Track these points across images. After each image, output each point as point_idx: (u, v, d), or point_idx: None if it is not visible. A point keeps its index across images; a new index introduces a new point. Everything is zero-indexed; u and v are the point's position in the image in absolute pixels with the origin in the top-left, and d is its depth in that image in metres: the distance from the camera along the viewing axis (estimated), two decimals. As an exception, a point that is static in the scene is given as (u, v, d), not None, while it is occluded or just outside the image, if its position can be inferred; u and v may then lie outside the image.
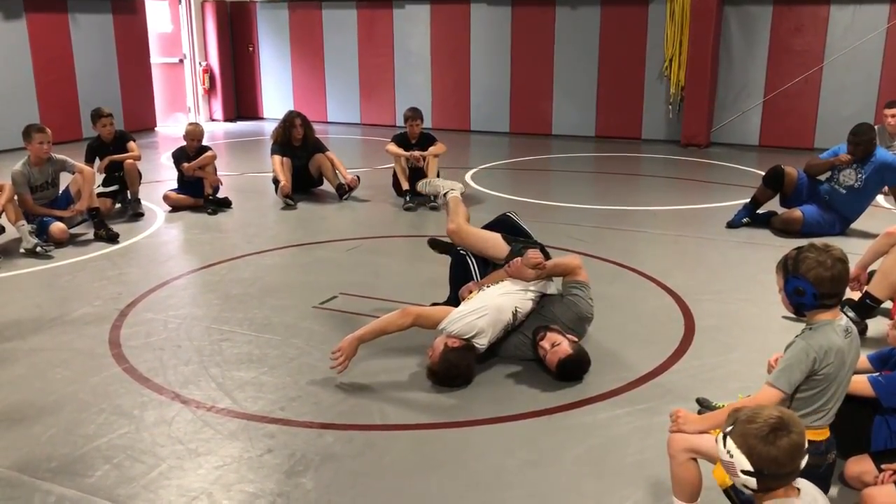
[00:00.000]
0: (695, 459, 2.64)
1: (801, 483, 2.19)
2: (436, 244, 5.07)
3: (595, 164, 10.55)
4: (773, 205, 6.83)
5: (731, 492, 2.53)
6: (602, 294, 5.21)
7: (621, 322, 4.75)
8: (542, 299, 4.24)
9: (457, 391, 3.84)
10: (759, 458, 2.07)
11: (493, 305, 4.01)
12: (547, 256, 4.37)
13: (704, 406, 3.52)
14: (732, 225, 6.80)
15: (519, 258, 4.22)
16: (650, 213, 7.51)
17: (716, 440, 2.20)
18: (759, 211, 6.84)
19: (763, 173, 7.04)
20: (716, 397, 3.56)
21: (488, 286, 4.22)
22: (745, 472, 2.10)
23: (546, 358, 3.90)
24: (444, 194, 5.11)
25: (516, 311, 4.08)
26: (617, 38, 11.73)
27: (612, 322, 4.74)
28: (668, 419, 2.74)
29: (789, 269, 2.70)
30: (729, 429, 2.15)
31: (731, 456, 2.12)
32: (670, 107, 11.57)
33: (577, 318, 4.17)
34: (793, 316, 2.94)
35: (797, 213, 6.52)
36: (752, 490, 2.14)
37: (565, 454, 3.29)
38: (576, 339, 4.02)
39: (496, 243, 4.57)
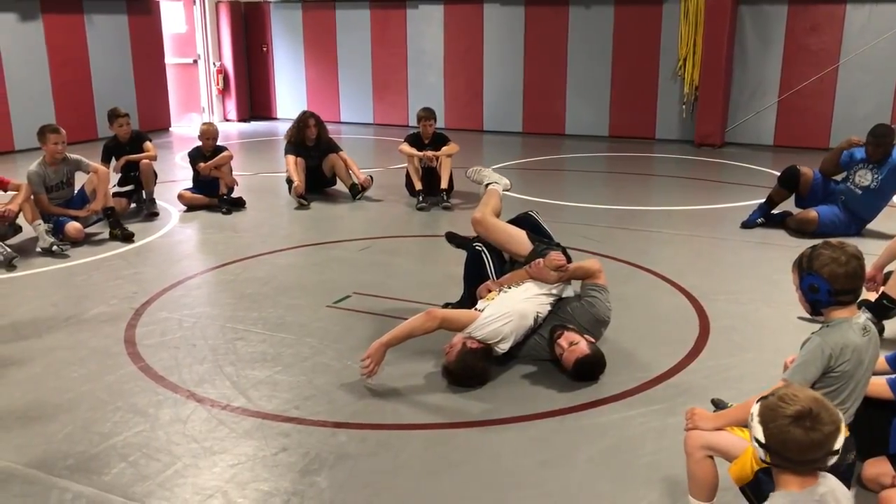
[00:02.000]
0: (711, 457, 2.63)
1: (825, 475, 2.15)
2: (453, 238, 5.05)
3: (608, 163, 10.52)
4: (788, 205, 6.79)
5: (749, 490, 2.52)
6: (616, 294, 5.18)
7: (635, 322, 4.73)
8: (559, 302, 4.23)
9: (471, 391, 3.84)
10: (772, 435, 2.04)
11: (517, 311, 3.99)
12: (569, 259, 4.34)
13: (719, 407, 3.49)
14: (747, 225, 6.77)
15: (541, 259, 4.19)
16: (664, 213, 7.48)
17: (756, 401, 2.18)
18: (774, 211, 6.81)
19: (778, 173, 7.01)
20: (731, 398, 3.54)
21: (509, 287, 4.20)
22: (757, 441, 2.09)
23: (563, 357, 3.89)
24: (487, 185, 5.04)
25: (538, 316, 4.08)
26: (630, 38, 11.70)
27: (627, 322, 4.73)
28: (684, 419, 2.74)
29: (804, 267, 2.70)
30: (762, 397, 2.12)
31: (752, 420, 2.10)
32: (684, 106, 11.52)
33: (595, 320, 4.16)
34: (808, 316, 2.92)
35: (812, 213, 6.48)
36: (764, 462, 2.13)
37: (579, 454, 3.29)
38: (593, 341, 4.01)
39: (520, 239, 4.52)
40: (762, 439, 2.07)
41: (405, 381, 3.93)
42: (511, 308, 3.98)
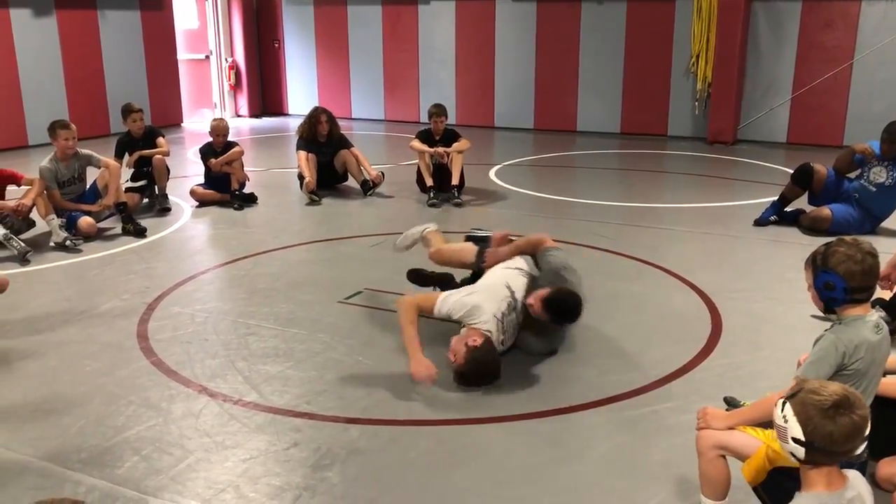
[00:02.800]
0: (724, 457, 2.62)
1: (851, 474, 2.16)
2: (416, 277, 4.97)
3: (620, 160, 10.49)
4: (802, 203, 6.75)
5: (761, 490, 2.51)
6: (627, 291, 5.21)
7: (647, 320, 4.72)
8: (533, 281, 4.29)
9: (482, 388, 3.84)
10: (815, 430, 2.03)
11: (482, 284, 4.16)
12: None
13: (732, 405, 3.49)
14: (760, 223, 6.73)
15: (488, 249, 4.46)
16: (676, 210, 7.45)
17: (775, 404, 2.16)
18: (787, 209, 6.77)
19: (791, 171, 6.96)
20: (743, 396, 3.53)
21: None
22: (795, 440, 2.06)
23: (534, 308, 3.93)
24: (422, 234, 5.08)
25: (509, 285, 4.12)
26: (643, 34, 11.65)
27: (638, 319, 4.72)
28: (696, 418, 2.72)
29: (818, 265, 2.68)
30: (791, 394, 2.11)
31: (786, 421, 2.08)
32: (697, 103, 11.47)
33: (554, 271, 4.22)
34: (822, 315, 2.91)
35: (826, 211, 6.44)
36: (797, 459, 2.11)
37: (591, 452, 3.28)
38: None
39: (465, 247, 4.76)
40: (802, 437, 2.05)
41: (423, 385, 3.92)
42: (476, 285, 4.12)
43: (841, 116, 10.76)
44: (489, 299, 3.99)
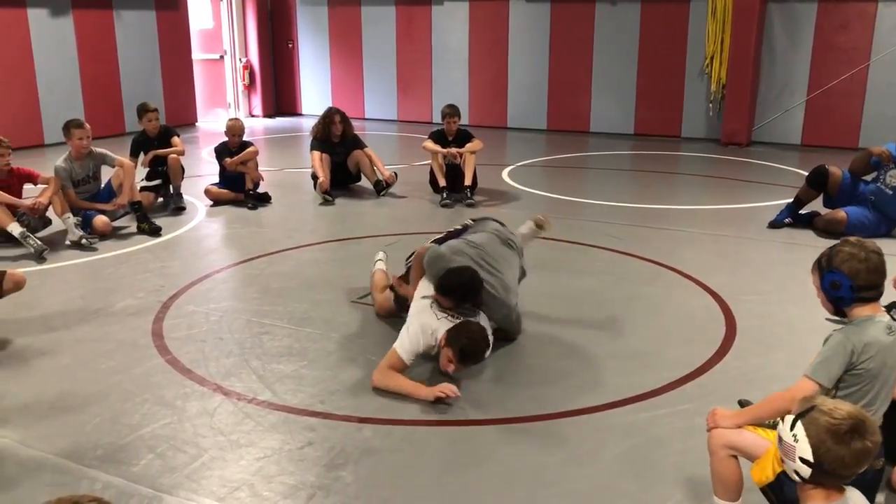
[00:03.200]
0: (735, 457, 2.61)
1: (850, 488, 2.15)
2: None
3: (633, 161, 10.47)
4: (816, 205, 6.72)
5: (770, 490, 2.49)
6: (641, 293, 5.19)
7: (661, 322, 4.71)
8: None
9: (496, 389, 3.84)
10: (826, 454, 2.01)
11: (410, 314, 4.04)
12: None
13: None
14: (774, 225, 6.70)
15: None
16: (690, 212, 7.42)
17: (782, 420, 2.14)
18: (802, 211, 6.73)
19: (806, 173, 6.93)
20: (758, 399, 3.46)
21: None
22: (802, 460, 2.04)
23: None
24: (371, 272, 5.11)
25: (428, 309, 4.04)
26: (657, 35, 11.62)
27: (652, 322, 4.71)
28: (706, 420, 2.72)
29: (824, 265, 2.70)
30: (801, 412, 2.08)
31: (796, 440, 2.06)
32: (711, 105, 11.43)
33: (441, 267, 4.10)
34: (836, 318, 2.89)
35: (841, 213, 6.40)
36: (800, 479, 2.09)
37: (605, 453, 3.27)
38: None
39: (386, 297, 4.77)
40: (810, 458, 2.03)
41: (428, 377, 3.93)
42: (409, 322, 3.99)
43: (857, 118, 10.69)
44: (423, 314, 3.96)
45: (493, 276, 4.19)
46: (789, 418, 2.11)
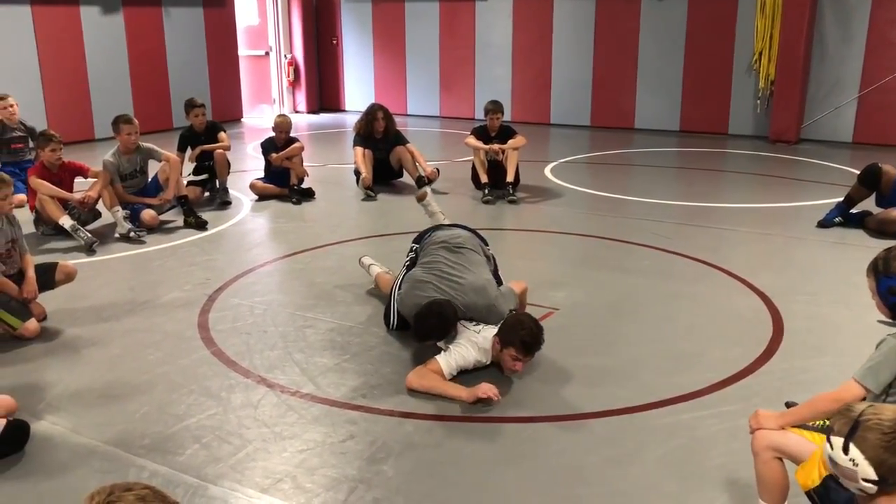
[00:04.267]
0: (780, 459, 2.56)
1: None
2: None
3: (679, 159, 10.33)
4: (868, 204, 6.55)
5: (815, 495, 2.44)
6: (686, 293, 5.13)
7: (706, 322, 4.64)
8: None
9: (537, 387, 3.83)
10: (889, 469, 1.98)
11: (470, 344, 3.97)
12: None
13: (794, 410, 3.41)
14: (824, 224, 6.56)
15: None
16: (737, 210, 7.30)
17: (830, 445, 2.09)
18: (853, 210, 6.58)
19: (857, 171, 6.77)
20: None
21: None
22: (867, 481, 2.01)
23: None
24: (367, 267, 5.19)
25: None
26: (704, 31, 11.44)
27: (698, 322, 4.65)
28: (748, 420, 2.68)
29: (880, 270, 2.64)
30: (848, 432, 2.04)
31: (856, 465, 2.01)
32: (759, 101, 11.22)
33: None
34: (890, 320, 2.82)
35: (894, 213, 6.24)
36: (867, 495, 2.06)
37: (648, 454, 3.24)
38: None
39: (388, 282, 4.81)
40: (874, 477, 1.99)
41: (470, 375, 3.93)
42: (456, 342, 3.96)
43: (911, 116, 10.41)
44: (462, 334, 3.96)
45: (460, 287, 4.10)
46: (838, 442, 2.05)
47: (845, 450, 2.04)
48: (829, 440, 2.10)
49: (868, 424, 2.01)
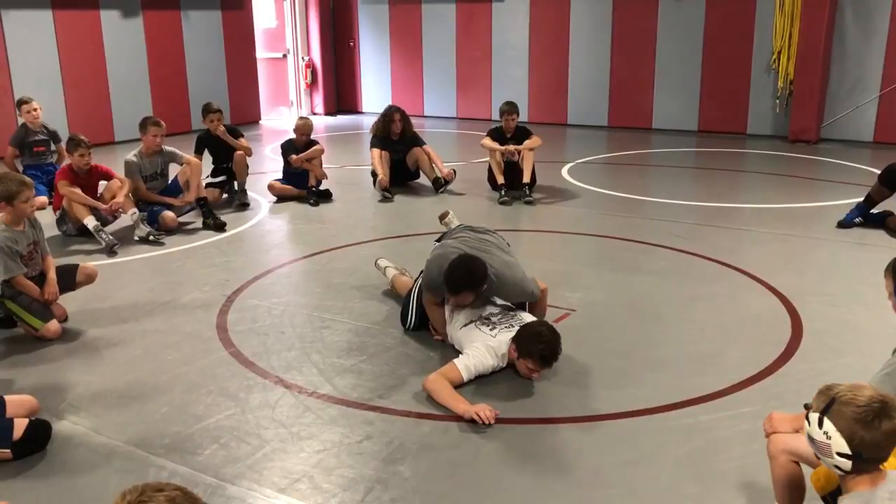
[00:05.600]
0: (797, 462, 2.55)
1: (890, 471, 2.15)
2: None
3: (697, 159, 10.28)
4: (889, 205, 6.49)
5: (831, 498, 2.43)
6: (705, 294, 5.11)
7: (725, 323, 4.62)
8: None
9: (555, 388, 3.83)
10: (861, 442, 2.03)
11: (466, 344, 4.01)
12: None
13: (812, 412, 3.38)
14: (844, 225, 6.50)
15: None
16: (755, 210, 7.25)
17: (806, 418, 2.14)
18: (874, 211, 6.51)
19: (877, 171, 6.70)
20: (825, 404, 3.42)
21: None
22: (840, 455, 2.05)
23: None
24: (383, 269, 5.24)
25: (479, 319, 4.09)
26: (722, 30, 11.38)
27: (716, 322, 4.63)
28: (763, 425, 2.67)
29: None
30: (823, 407, 2.10)
31: (829, 437, 2.07)
32: (778, 101, 11.14)
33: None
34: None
35: (916, 213, 6.18)
36: (843, 472, 2.10)
37: (666, 455, 3.23)
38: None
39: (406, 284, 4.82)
40: (847, 451, 2.04)
41: (487, 376, 3.93)
42: (469, 346, 3.95)
43: (933, 114, 10.29)
44: (478, 338, 3.94)
45: (489, 256, 4.21)
46: (814, 417, 2.12)
47: (820, 424, 2.09)
48: (807, 417, 2.14)
49: (843, 399, 2.07)
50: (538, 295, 4.31)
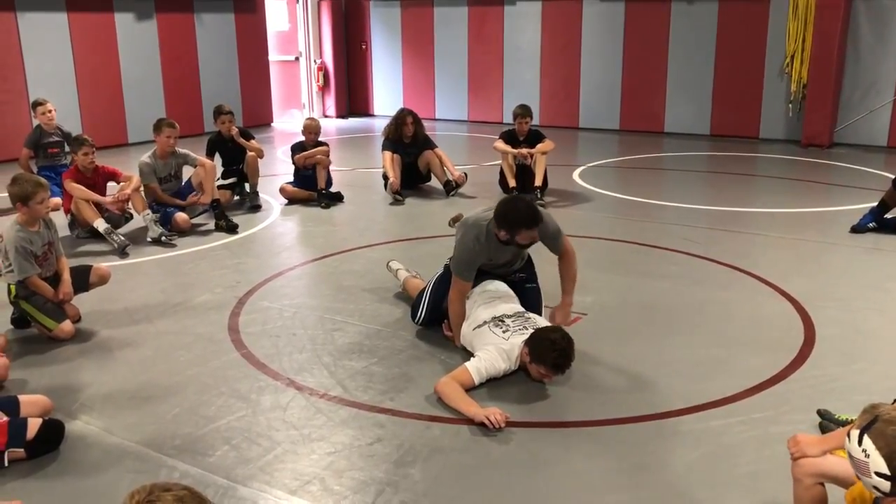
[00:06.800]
0: (822, 484, 2.51)
1: None
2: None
3: (709, 163, 10.24)
4: (904, 209, 6.46)
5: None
6: (716, 298, 5.09)
7: (737, 327, 4.60)
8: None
9: (566, 392, 3.82)
10: None
11: (477, 346, 4.03)
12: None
13: (826, 418, 3.36)
14: (857, 230, 6.46)
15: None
16: (768, 215, 7.22)
17: (847, 434, 2.09)
18: (888, 216, 6.47)
19: (892, 176, 6.67)
20: (837, 409, 3.40)
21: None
22: (879, 475, 2.00)
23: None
24: (395, 271, 5.26)
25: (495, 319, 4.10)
26: (735, 34, 11.34)
27: (728, 327, 4.61)
28: (786, 433, 2.65)
29: None
30: (865, 425, 2.04)
31: (867, 456, 2.01)
32: (791, 105, 11.09)
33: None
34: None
35: (930, 218, 6.14)
36: (882, 493, 2.04)
37: (677, 460, 3.22)
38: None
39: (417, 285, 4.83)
40: (886, 471, 1.98)
41: (500, 380, 3.93)
42: (483, 347, 3.95)
43: (948, 119, 10.22)
44: (490, 340, 3.94)
45: None
46: (855, 434, 2.06)
47: (860, 441, 2.03)
48: (848, 434, 2.10)
49: (886, 418, 2.01)
50: (568, 250, 4.43)
